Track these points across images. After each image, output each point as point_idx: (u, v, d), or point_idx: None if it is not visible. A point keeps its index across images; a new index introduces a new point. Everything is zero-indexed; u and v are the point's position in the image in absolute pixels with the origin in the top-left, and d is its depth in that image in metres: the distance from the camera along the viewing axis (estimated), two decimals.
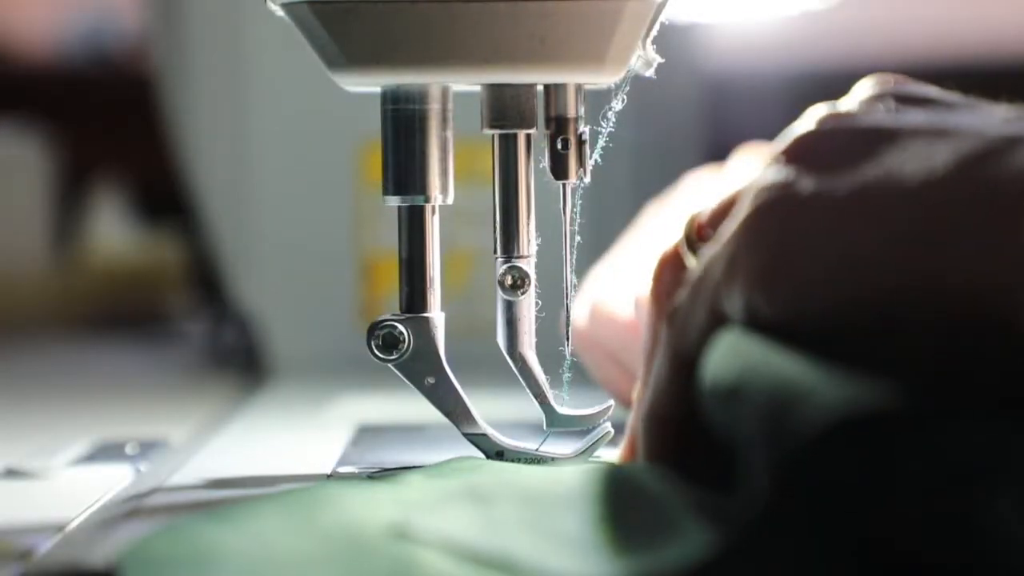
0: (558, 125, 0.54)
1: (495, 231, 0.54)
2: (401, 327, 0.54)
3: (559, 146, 0.53)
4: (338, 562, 0.38)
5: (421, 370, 0.54)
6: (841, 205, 0.42)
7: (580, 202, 0.55)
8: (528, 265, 0.54)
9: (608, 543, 0.39)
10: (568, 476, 0.46)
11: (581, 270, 0.69)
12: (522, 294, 0.54)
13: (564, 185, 0.54)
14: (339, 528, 0.40)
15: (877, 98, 0.46)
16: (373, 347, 0.54)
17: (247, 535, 0.40)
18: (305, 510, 0.42)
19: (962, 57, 1.97)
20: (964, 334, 0.38)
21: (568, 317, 0.55)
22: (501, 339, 0.54)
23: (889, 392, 0.37)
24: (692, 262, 0.48)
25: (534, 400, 0.54)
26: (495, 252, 0.54)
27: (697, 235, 0.49)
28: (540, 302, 0.54)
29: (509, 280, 0.54)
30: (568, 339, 0.55)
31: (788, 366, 0.40)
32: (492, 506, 0.42)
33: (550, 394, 0.54)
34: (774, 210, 0.44)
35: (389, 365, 0.54)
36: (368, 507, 0.43)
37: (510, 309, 0.54)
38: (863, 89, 0.47)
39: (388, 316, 0.54)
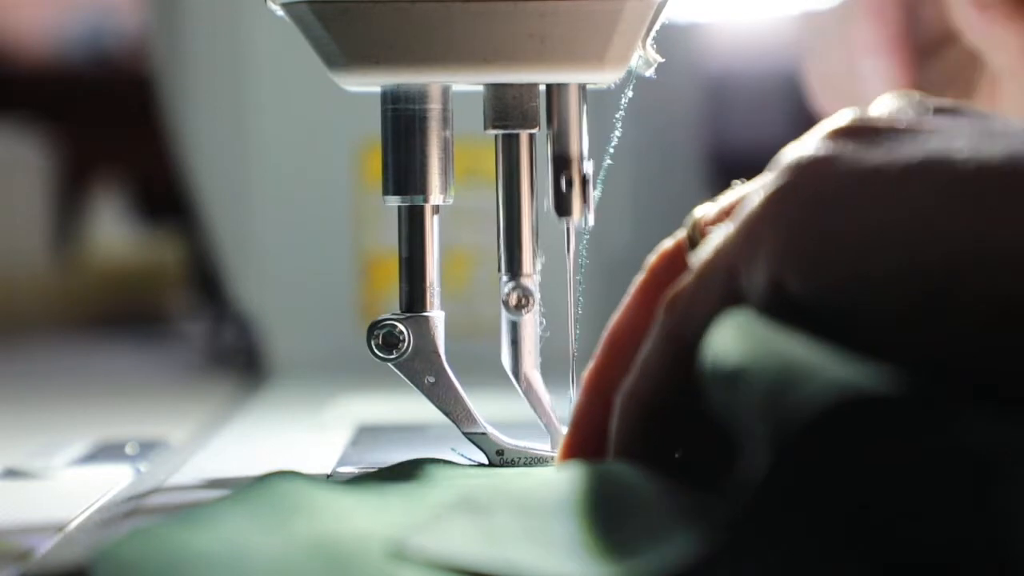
0: (560, 164, 0.53)
1: (498, 248, 0.54)
2: (401, 326, 0.54)
3: (562, 185, 0.53)
4: (316, 573, 0.38)
5: (421, 369, 0.54)
6: (886, 175, 0.41)
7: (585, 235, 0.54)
8: (532, 283, 0.54)
9: (606, 549, 0.39)
10: (560, 482, 0.46)
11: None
12: (526, 313, 0.54)
13: (568, 224, 0.54)
14: (314, 536, 0.40)
15: (909, 105, 0.45)
16: (373, 346, 0.54)
17: (218, 539, 0.40)
18: (276, 513, 0.42)
19: None
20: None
21: (573, 351, 0.54)
22: (505, 359, 0.54)
23: (899, 375, 0.36)
24: (695, 258, 0.47)
25: (539, 421, 0.54)
26: (499, 269, 0.54)
27: (701, 235, 0.48)
28: (544, 321, 0.54)
29: (514, 299, 0.54)
30: (573, 371, 0.54)
31: (796, 348, 0.39)
32: (490, 517, 0.42)
33: (555, 415, 0.54)
34: (806, 178, 0.42)
35: (389, 364, 0.54)
36: (342, 515, 0.42)
37: (514, 329, 0.54)
38: (887, 101, 0.46)
39: (388, 315, 0.54)
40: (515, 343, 0.54)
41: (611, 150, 0.55)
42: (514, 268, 0.54)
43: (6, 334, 1.27)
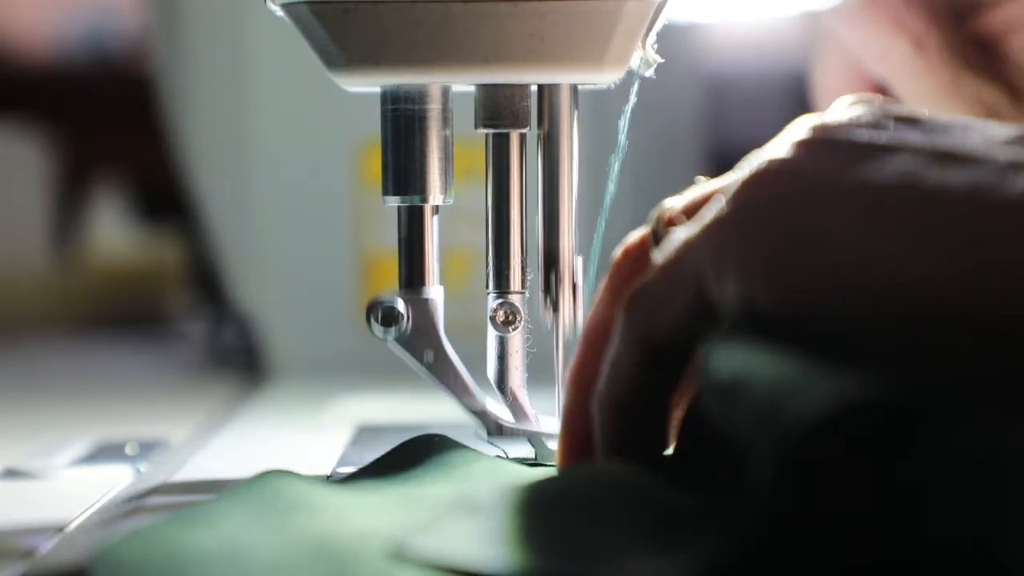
0: (550, 259, 0.54)
1: (487, 264, 0.54)
2: (400, 304, 0.54)
3: (552, 281, 0.54)
4: (316, 572, 0.38)
5: (420, 347, 0.54)
6: (858, 194, 0.41)
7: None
8: (520, 301, 0.54)
9: (605, 550, 0.39)
10: (559, 482, 0.46)
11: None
12: (513, 330, 0.54)
13: (556, 320, 0.54)
14: (313, 535, 0.40)
15: (870, 114, 0.44)
16: (372, 323, 0.54)
17: (218, 538, 0.40)
18: (276, 512, 0.42)
19: None
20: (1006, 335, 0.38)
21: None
22: (491, 374, 0.54)
23: (893, 383, 0.37)
24: (657, 256, 0.46)
25: (525, 437, 0.54)
26: (487, 287, 0.54)
27: (664, 230, 0.48)
28: (531, 338, 0.54)
29: (501, 316, 0.54)
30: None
31: (791, 358, 0.39)
32: (490, 517, 0.42)
33: (541, 429, 0.54)
34: (770, 185, 0.42)
35: (388, 342, 0.54)
36: (341, 514, 0.43)
37: (501, 344, 0.54)
38: (844, 105, 0.45)
39: (387, 293, 0.54)
40: (502, 358, 0.54)
41: (619, 158, 0.55)
42: (502, 285, 0.54)
43: (6, 334, 1.27)
